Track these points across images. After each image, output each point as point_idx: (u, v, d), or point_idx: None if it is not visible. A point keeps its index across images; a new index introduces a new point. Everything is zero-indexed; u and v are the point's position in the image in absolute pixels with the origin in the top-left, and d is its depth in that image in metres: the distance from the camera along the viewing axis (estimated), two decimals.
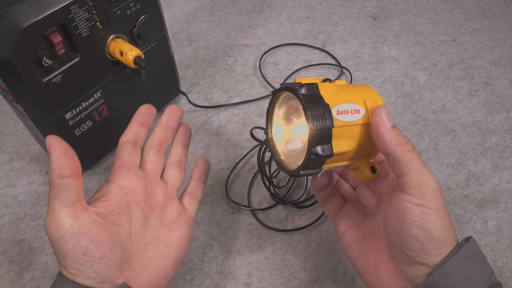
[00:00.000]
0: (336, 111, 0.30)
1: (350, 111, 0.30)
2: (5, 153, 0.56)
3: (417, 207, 0.29)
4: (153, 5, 0.48)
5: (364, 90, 0.33)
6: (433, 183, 0.30)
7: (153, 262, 0.34)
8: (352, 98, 0.31)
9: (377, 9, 0.80)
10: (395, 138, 0.31)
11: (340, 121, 0.30)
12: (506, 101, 0.61)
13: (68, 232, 0.28)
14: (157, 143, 0.38)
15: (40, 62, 0.39)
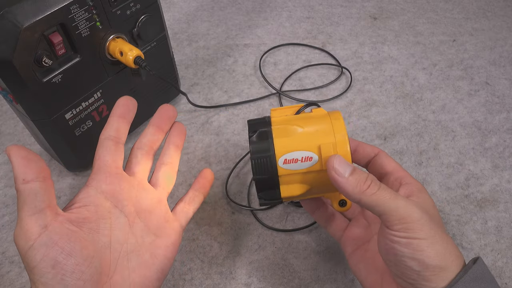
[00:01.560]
0: (283, 160, 0.31)
1: (300, 159, 0.31)
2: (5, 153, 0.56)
3: (403, 240, 0.28)
4: (153, 5, 0.48)
5: (325, 130, 0.32)
6: (414, 213, 0.29)
7: (135, 273, 0.31)
8: (307, 144, 0.31)
9: (377, 9, 0.80)
10: (356, 186, 0.29)
11: (286, 169, 0.31)
12: (506, 101, 0.61)
13: (36, 242, 0.26)
14: (147, 144, 0.35)
15: (40, 62, 0.39)
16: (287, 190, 0.32)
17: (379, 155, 0.37)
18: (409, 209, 0.29)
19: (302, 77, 0.66)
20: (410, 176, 0.35)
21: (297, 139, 0.31)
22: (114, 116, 0.33)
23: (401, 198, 0.29)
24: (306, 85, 0.64)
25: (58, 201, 0.50)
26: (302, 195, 0.33)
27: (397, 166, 0.36)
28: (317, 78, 0.66)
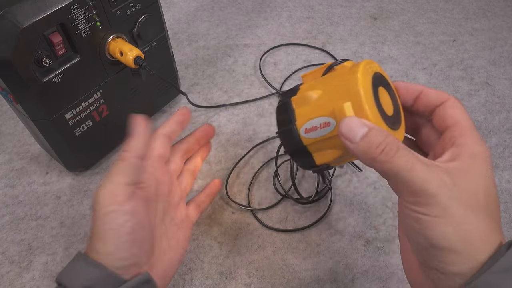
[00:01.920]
0: (304, 130, 0.30)
1: (319, 126, 0.29)
2: (5, 153, 0.56)
3: (413, 213, 0.26)
4: (153, 5, 0.48)
5: (340, 90, 0.29)
6: (431, 187, 0.24)
7: (165, 254, 0.34)
8: (323, 109, 0.29)
9: (377, 9, 0.80)
10: (367, 151, 0.26)
11: (310, 139, 0.30)
12: (506, 101, 0.61)
13: (121, 209, 0.29)
14: (184, 149, 0.40)
15: (40, 62, 0.39)
16: (321, 156, 0.30)
17: (445, 104, 0.30)
18: (427, 182, 0.25)
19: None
20: (472, 134, 0.28)
21: (314, 105, 0.30)
22: (175, 121, 0.38)
23: (420, 167, 0.25)
24: None
25: (58, 201, 0.50)
26: (339, 159, 0.31)
27: (460, 119, 0.29)
28: None
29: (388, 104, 0.29)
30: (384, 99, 0.29)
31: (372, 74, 0.29)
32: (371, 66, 0.30)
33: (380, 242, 0.46)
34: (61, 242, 0.46)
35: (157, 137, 0.36)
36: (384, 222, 0.48)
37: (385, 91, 0.30)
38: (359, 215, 0.48)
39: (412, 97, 0.32)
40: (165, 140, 0.37)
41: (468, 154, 0.27)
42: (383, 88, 0.30)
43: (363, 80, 0.27)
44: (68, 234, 0.47)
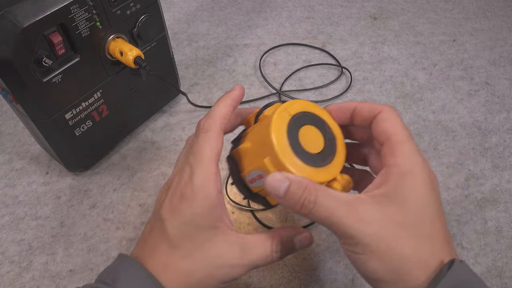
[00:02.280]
0: (249, 181, 0.31)
1: (257, 178, 0.30)
2: (5, 153, 0.56)
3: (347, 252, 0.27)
4: (153, 5, 0.48)
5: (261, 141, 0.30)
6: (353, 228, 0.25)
7: None
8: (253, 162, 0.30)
9: (377, 9, 0.80)
10: (292, 205, 0.27)
11: (256, 187, 0.31)
12: (506, 101, 0.61)
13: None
14: None
15: (40, 62, 0.39)
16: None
17: (378, 118, 0.29)
18: (344, 226, 0.25)
19: (302, 77, 0.66)
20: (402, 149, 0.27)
21: (248, 158, 0.31)
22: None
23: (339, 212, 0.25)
24: (306, 85, 0.64)
25: (58, 201, 0.50)
26: None
27: (391, 134, 0.28)
28: (317, 78, 0.65)
29: (315, 141, 0.30)
30: (308, 138, 0.29)
31: (289, 119, 0.29)
32: (288, 111, 0.29)
33: None
34: (61, 242, 0.46)
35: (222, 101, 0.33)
36: None
37: (311, 127, 0.30)
38: None
39: (346, 116, 0.32)
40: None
41: (397, 175, 0.26)
42: (308, 126, 0.30)
43: (276, 132, 0.28)
44: (68, 234, 0.47)
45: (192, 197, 0.28)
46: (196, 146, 0.30)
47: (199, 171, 0.29)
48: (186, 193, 0.28)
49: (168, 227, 0.29)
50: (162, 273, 0.28)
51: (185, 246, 0.28)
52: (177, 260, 0.28)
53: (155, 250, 0.29)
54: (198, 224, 0.28)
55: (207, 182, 0.28)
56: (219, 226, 0.29)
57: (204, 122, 0.31)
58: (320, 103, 0.61)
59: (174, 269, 0.28)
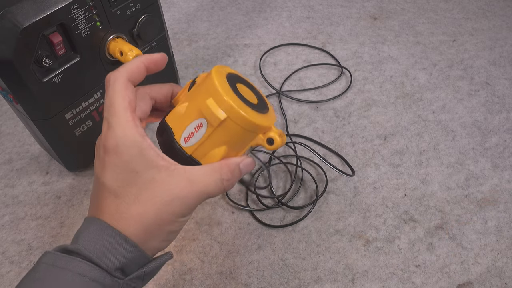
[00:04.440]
0: (183, 140, 0.31)
1: (194, 130, 0.31)
2: (5, 153, 0.56)
3: None
4: (153, 5, 0.48)
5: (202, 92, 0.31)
6: None
7: None
8: (193, 114, 0.31)
9: (377, 9, 0.80)
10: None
11: (192, 146, 0.31)
12: (506, 101, 0.61)
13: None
14: None
15: (40, 62, 0.39)
16: (209, 159, 0.32)
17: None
18: None
19: (302, 77, 0.66)
20: None
21: (184, 115, 0.32)
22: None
23: None
24: (306, 85, 0.64)
25: (58, 201, 0.50)
26: (228, 155, 0.33)
27: None
28: (317, 78, 0.66)
29: (250, 95, 0.32)
30: (244, 92, 0.32)
31: (226, 74, 0.32)
32: (224, 69, 0.33)
33: (380, 242, 0.46)
34: (61, 242, 0.46)
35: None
36: (384, 222, 0.48)
37: (243, 86, 0.33)
38: (359, 215, 0.48)
39: None
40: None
41: None
42: (241, 84, 0.33)
43: (217, 77, 0.30)
44: (68, 234, 0.47)
45: (116, 147, 0.29)
46: (107, 99, 0.30)
47: (116, 122, 0.29)
48: (107, 145, 0.29)
49: (106, 182, 0.29)
50: (117, 222, 0.29)
51: (130, 192, 0.29)
52: (127, 207, 0.29)
53: (104, 206, 0.29)
54: (133, 169, 0.29)
55: (127, 130, 0.29)
56: (160, 165, 0.29)
57: (110, 75, 0.31)
58: (320, 103, 0.61)
59: (127, 216, 0.29)
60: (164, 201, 0.29)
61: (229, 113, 0.29)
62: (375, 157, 0.54)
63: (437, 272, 0.44)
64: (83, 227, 0.29)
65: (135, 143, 0.28)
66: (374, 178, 0.52)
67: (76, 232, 0.29)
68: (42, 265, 0.27)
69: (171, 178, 0.29)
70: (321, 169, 0.53)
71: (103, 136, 0.30)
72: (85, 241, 0.28)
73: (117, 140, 0.28)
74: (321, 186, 0.51)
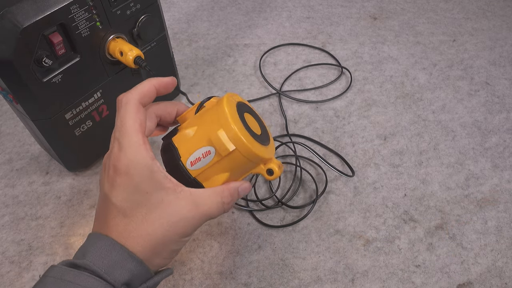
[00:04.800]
0: (190, 163, 0.33)
1: (202, 156, 0.32)
2: (5, 153, 0.56)
3: None
4: (153, 5, 0.48)
5: (213, 120, 0.33)
6: None
7: None
8: (201, 140, 0.33)
9: (377, 9, 0.80)
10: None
11: (197, 170, 0.33)
12: (506, 101, 0.61)
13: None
14: None
15: (40, 62, 0.39)
16: (211, 184, 0.34)
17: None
18: None
19: (302, 77, 0.66)
20: None
21: (193, 139, 0.33)
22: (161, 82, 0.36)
23: None
24: (306, 85, 0.64)
25: (58, 201, 0.50)
26: (228, 181, 0.34)
27: None
28: (317, 78, 0.66)
29: (255, 126, 0.34)
30: (251, 122, 0.34)
31: (236, 103, 0.34)
32: (234, 98, 0.34)
33: (380, 242, 0.46)
34: (61, 242, 0.46)
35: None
36: (384, 222, 0.48)
37: (250, 116, 0.35)
38: (359, 215, 0.48)
39: None
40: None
41: None
42: (248, 114, 0.34)
43: (229, 108, 0.32)
44: (68, 234, 0.47)
45: (127, 169, 0.29)
46: (119, 120, 0.31)
47: (127, 144, 0.30)
48: (119, 166, 0.30)
49: (116, 201, 0.30)
50: (125, 239, 0.29)
51: (139, 213, 0.30)
52: (135, 227, 0.30)
53: (112, 224, 0.30)
54: (144, 190, 0.30)
55: (138, 153, 0.29)
56: (168, 187, 0.30)
57: (122, 97, 0.32)
58: (320, 103, 0.61)
59: (135, 235, 0.30)
60: (171, 222, 0.30)
61: (238, 146, 0.31)
62: (375, 157, 0.54)
63: (437, 272, 0.44)
64: (89, 243, 0.30)
65: (146, 166, 0.29)
66: (374, 178, 0.52)
67: (81, 248, 0.30)
68: (49, 278, 0.28)
69: (178, 200, 0.30)
70: (321, 169, 0.53)
71: (113, 156, 0.30)
72: (93, 256, 0.28)
73: (128, 162, 0.29)
74: (321, 186, 0.51)
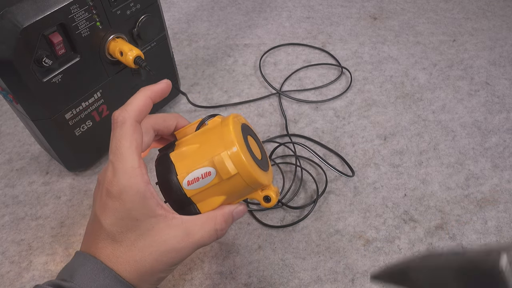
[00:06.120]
0: (186, 182, 0.31)
1: (201, 177, 0.31)
2: (5, 153, 0.56)
3: None
4: (153, 5, 0.48)
5: (216, 140, 0.32)
6: None
7: None
8: (202, 160, 0.31)
9: (377, 9, 0.80)
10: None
11: (193, 190, 0.31)
12: (506, 101, 0.61)
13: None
14: None
15: (40, 62, 0.39)
16: (206, 205, 0.32)
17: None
18: None
19: (302, 77, 0.66)
20: None
21: (193, 158, 0.32)
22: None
23: None
24: (306, 85, 0.64)
25: (58, 201, 0.50)
26: (223, 204, 0.33)
27: None
28: (317, 78, 0.66)
29: (257, 150, 0.34)
30: (253, 146, 0.33)
31: (241, 125, 0.33)
32: (239, 119, 0.33)
33: (380, 242, 0.46)
34: (61, 242, 0.46)
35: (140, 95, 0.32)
36: (384, 222, 0.48)
37: (252, 139, 0.34)
38: (359, 215, 0.48)
39: None
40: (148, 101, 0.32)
41: None
42: (250, 137, 0.33)
43: (235, 131, 0.31)
44: (68, 234, 0.47)
45: (119, 195, 0.29)
46: (114, 141, 0.30)
47: (121, 168, 0.29)
48: (112, 191, 0.29)
49: (105, 224, 0.29)
50: (113, 264, 0.29)
51: (128, 238, 0.29)
52: (123, 252, 0.29)
53: (100, 246, 0.30)
54: (134, 217, 0.29)
55: (133, 178, 0.28)
56: (159, 214, 0.29)
57: (118, 115, 0.30)
58: (320, 103, 0.61)
59: (122, 261, 0.29)
60: (160, 251, 0.29)
61: (240, 171, 0.30)
62: (375, 157, 0.54)
63: None
64: (77, 263, 0.29)
65: (139, 193, 0.29)
66: (374, 178, 0.52)
67: (68, 267, 0.30)
68: None
69: (169, 229, 0.30)
70: (321, 169, 0.53)
71: (107, 180, 0.29)
72: (81, 279, 0.28)
73: (121, 188, 0.29)
74: (321, 186, 0.51)
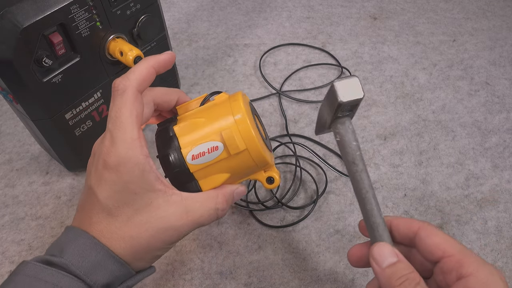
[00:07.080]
0: (191, 157, 0.30)
1: (207, 151, 0.30)
2: (5, 153, 0.56)
3: None
4: (153, 5, 0.48)
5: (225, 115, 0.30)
6: None
7: None
8: (210, 134, 0.30)
9: (377, 9, 0.80)
10: (389, 279, 0.26)
11: (197, 165, 0.30)
12: (506, 101, 0.61)
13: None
14: None
15: (40, 62, 0.39)
16: (208, 182, 0.31)
17: (421, 231, 0.29)
18: None
19: (302, 77, 0.66)
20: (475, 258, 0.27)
21: (200, 131, 0.30)
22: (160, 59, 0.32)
23: None
24: (306, 85, 0.64)
25: (58, 201, 0.50)
26: (225, 183, 0.32)
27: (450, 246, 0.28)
28: (317, 78, 0.66)
29: (261, 129, 0.33)
30: (258, 125, 0.32)
31: (249, 102, 0.32)
32: (246, 97, 0.33)
33: None
34: None
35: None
36: None
37: (257, 118, 0.33)
38: (359, 215, 0.48)
39: None
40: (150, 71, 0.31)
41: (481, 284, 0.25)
42: (255, 116, 0.33)
43: (246, 107, 0.30)
44: None
45: (117, 166, 0.27)
46: (114, 110, 0.28)
47: (121, 139, 0.27)
48: (109, 162, 0.27)
49: (100, 197, 0.28)
50: (106, 239, 0.28)
51: (124, 213, 0.28)
52: (119, 227, 0.28)
53: (94, 220, 0.28)
54: (132, 190, 0.27)
55: (130, 149, 0.27)
56: (158, 189, 0.28)
57: (119, 83, 0.29)
58: (320, 103, 0.61)
59: (117, 237, 0.28)
60: (158, 228, 0.28)
61: (249, 146, 0.29)
62: (375, 157, 0.54)
63: None
64: (67, 238, 0.28)
65: (138, 165, 0.27)
66: (374, 178, 0.52)
67: (57, 242, 0.28)
68: (22, 277, 0.26)
69: (168, 205, 0.28)
70: (321, 169, 0.53)
71: (104, 150, 0.28)
72: (72, 255, 0.26)
73: (119, 159, 0.27)
74: (321, 186, 0.51)
